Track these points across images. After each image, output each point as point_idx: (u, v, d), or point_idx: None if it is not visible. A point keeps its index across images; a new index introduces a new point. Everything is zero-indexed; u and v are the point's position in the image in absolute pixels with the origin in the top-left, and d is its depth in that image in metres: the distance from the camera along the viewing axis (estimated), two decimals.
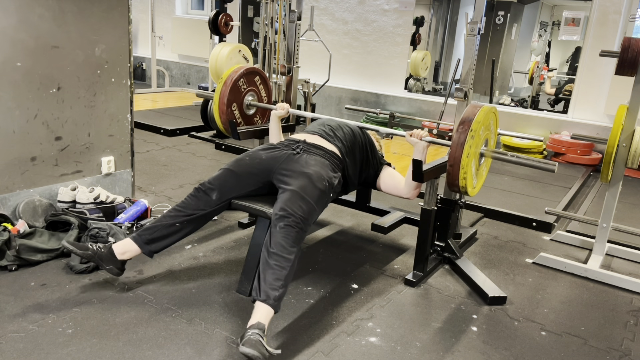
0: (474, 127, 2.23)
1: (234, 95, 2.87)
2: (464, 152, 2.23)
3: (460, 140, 2.23)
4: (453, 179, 2.30)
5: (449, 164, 2.28)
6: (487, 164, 2.57)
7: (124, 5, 2.96)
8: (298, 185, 2.18)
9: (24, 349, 1.87)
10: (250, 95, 2.97)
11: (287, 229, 2.04)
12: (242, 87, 2.91)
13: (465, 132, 2.23)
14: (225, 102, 2.82)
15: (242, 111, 2.96)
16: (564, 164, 5.34)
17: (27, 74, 2.62)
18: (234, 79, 2.84)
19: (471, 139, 2.22)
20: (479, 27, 2.68)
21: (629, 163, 2.74)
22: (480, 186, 2.53)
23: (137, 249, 2.26)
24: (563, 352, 2.14)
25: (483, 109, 2.29)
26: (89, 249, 2.22)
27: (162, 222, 2.26)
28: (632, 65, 2.65)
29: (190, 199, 2.29)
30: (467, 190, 2.33)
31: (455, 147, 2.25)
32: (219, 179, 2.32)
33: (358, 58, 6.95)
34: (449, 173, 2.30)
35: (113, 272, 2.25)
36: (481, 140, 2.35)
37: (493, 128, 2.49)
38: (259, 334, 1.80)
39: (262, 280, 1.96)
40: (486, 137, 2.42)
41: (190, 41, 8.12)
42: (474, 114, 2.26)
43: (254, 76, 2.99)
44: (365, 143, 2.62)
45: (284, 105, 2.87)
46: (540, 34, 7.98)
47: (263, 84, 3.05)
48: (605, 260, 3.04)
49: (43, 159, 2.78)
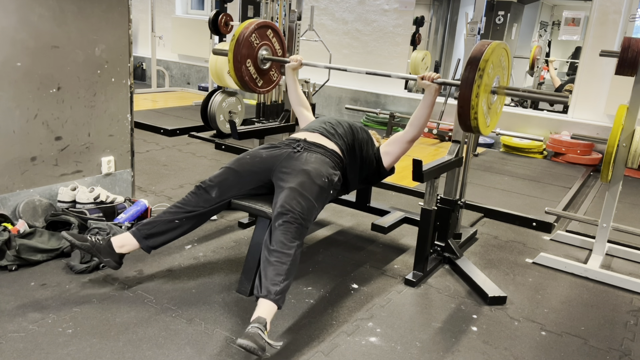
0: (481, 65, 2.17)
1: (248, 50, 2.84)
2: (473, 92, 2.17)
3: (468, 80, 2.17)
4: (464, 120, 2.24)
5: (459, 105, 2.23)
6: (501, 101, 2.49)
7: (124, 5, 2.96)
8: (297, 182, 2.18)
9: (24, 349, 1.87)
10: (264, 50, 2.94)
11: (286, 226, 2.04)
12: (254, 43, 2.87)
13: (474, 71, 2.17)
14: (239, 59, 2.80)
15: (257, 66, 2.94)
16: (564, 164, 5.34)
17: (27, 74, 2.62)
18: (245, 35, 2.80)
19: (479, 78, 2.16)
20: (479, 27, 2.68)
21: (629, 163, 2.74)
22: (494, 124, 2.46)
23: (135, 243, 2.26)
24: (563, 352, 2.14)
25: (491, 45, 2.21)
26: (87, 240, 2.22)
27: (162, 217, 2.27)
28: (632, 65, 2.65)
29: (191, 196, 2.30)
30: (480, 129, 2.28)
31: (464, 87, 2.19)
32: (219, 177, 2.33)
33: (358, 58, 6.95)
34: (460, 114, 2.24)
35: (110, 265, 2.25)
36: (491, 78, 2.28)
37: (505, 64, 2.40)
38: (258, 327, 1.80)
39: (263, 277, 1.96)
40: (497, 74, 2.34)
41: (190, 41, 8.12)
42: (482, 52, 2.19)
43: (266, 30, 2.95)
44: (365, 140, 2.61)
45: (297, 58, 2.89)
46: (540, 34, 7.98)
47: (276, 36, 3.01)
48: (605, 260, 3.04)
49: (43, 159, 2.78)
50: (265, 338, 1.78)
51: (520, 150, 5.64)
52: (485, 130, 2.36)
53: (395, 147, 2.59)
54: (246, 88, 2.94)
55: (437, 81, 2.44)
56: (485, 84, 2.21)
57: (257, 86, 2.94)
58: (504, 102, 2.55)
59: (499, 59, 2.32)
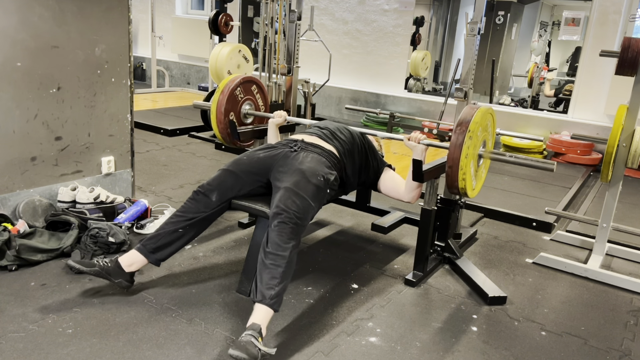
0: (471, 127, 2.23)
1: (231, 104, 2.87)
2: (462, 153, 2.23)
3: (458, 142, 2.23)
4: (452, 181, 2.30)
5: (448, 166, 2.28)
6: (486, 165, 2.57)
7: (124, 5, 2.96)
8: (291, 182, 2.17)
9: (24, 349, 1.87)
10: (248, 104, 2.97)
11: (280, 226, 2.03)
12: (239, 97, 2.90)
13: (463, 133, 2.23)
14: (222, 112, 2.81)
15: (240, 120, 2.96)
16: (564, 164, 5.34)
17: (27, 74, 2.62)
18: (230, 89, 2.83)
19: (469, 139, 2.22)
20: (479, 27, 2.68)
21: (629, 163, 2.74)
22: (479, 187, 2.54)
23: (143, 260, 2.24)
24: (563, 352, 2.14)
25: (480, 109, 2.30)
26: (95, 265, 2.20)
27: (165, 229, 2.25)
28: (632, 65, 2.65)
29: (190, 202, 2.28)
30: (467, 191, 2.34)
31: (453, 148, 2.25)
32: (217, 179, 2.31)
33: (358, 58, 6.95)
34: (448, 175, 2.30)
35: (123, 285, 2.24)
36: (479, 141, 2.35)
37: (491, 129, 2.49)
38: (252, 334, 1.80)
39: (258, 280, 1.96)
40: (484, 138, 2.42)
41: (190, 41, 8.12)
42: (471, 115, 2.26)
43: (251, 85, 2.98)
44: (365, 146, 2.61)
45: (281, 113, 2.87)
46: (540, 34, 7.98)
47: (260, 92, 3.05)
48: (605, 260, 3.04)
49: (43, 159, 2.78)
50: (259, 346, 1.77)
51: (520, 150, 5.64)
52: (472, 193, 2.42)
53: (392, 190, 2.62)
54: (228, 141, 2.91)
55: (424, 142, 2.45)
56: (474, 146, 2.28)
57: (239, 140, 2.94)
58: (489, 166, 2.62)
59: (487, 123, 2.41)
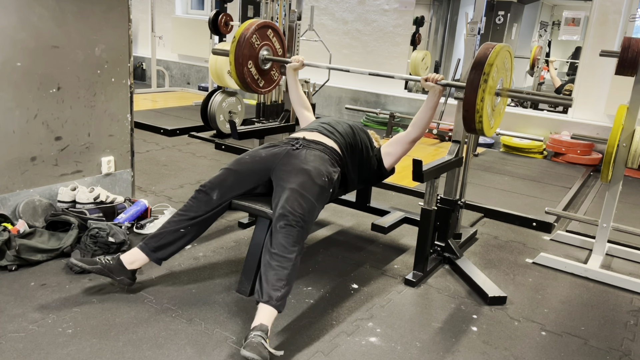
0: (486, 70, 2.18)
1: (249, 51, 2.86)
2: (478, 96, 2.19)
3: (473, 85, 2.19)
4: (469, 123, 2.26)
5: (464, 109, 2.24)
6: (504, 102, 2.52)
7: (124, 5, 2.96)
8: (297, 183, 2.17)
9: (24, 349, 1.87)
10: (265, 50, 2.96)
11: (287, 229, 2.03)
12: (255, 43, 2.89)
13: (479, 75, 2.18)
14: (241, 61, 2.82)
15: (258, 67, 2.96)
16: (564, 164, 5.34)
17: (27, 74, 2.62)
18: (246, 37, 2.82)
19: (484, 82, 2.17)
20: (479, 27, 2.68)
21: (629, 163, 2.74)
22: (497, 125, 2.49)
23: (144, 258, 2.25)
24: (563, 352, 2.14)
25: (496, 48, 2.22)
26: (97, 262, 2.20)
27: (167, 228, 2.25)
28: (632, 65, 2.65)
29: (192, 201, 2.28)
30: (484, 131, 2.31)
31: (469, 91, 2.20)
32: (218, 178, 2.32)
33: (358, 58, 6.95)
34: (465, 118, 2.26)
35: (125, 283, 2.25)
36: (495, 82, 2.29)
37: (508, 66, 2.42)
38: (261, 335, 1.80)
39: (264, 281, 1.95)
40: (501, 76, 2.35)
41: (190, 41, 8.12)
42: (486, 56, 2.20)
43: (267, 30, 2.96)
44: (364, 139, 2.62)
45: (298, 58, 2.89)
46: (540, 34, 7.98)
47: (276, 36, 3.02)
48: (605, 260, 3.04)
49: (43, 159, 2.78)
50: (268, 348, 1.78)
51: (520, 150, 5.64)
52: (489, 131, 2.38)
53: (396, 148, 2.60)
54: (248, 89, 2.96)
55: (441, 82, 2.44)
56: (490, 87, 2.23)
57: (259, 87, 2.95)
58: (507, 102, 2.56)
59: (503, 61, 2.34)
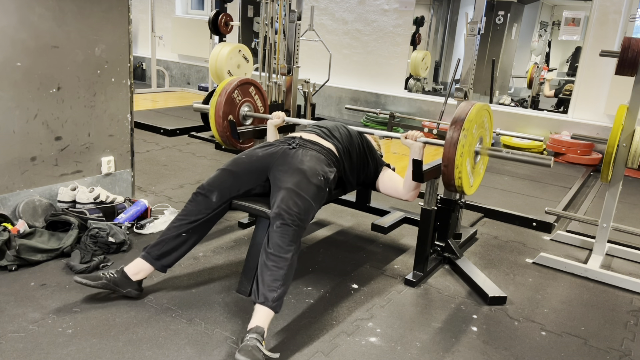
0: (465, 125, 2.21)
1: (230, 107, 2.87)
2: (457, 151, 2.21)
3: (452, 140, 2.21)
4: (448, 179, 2.29)
5: (443, 164, 2.27)
6: (484, 161, 2.56)
7: (124, 5, 2.96)
8: (293, 182, 2.16)
9: (24, 349, 1.87)
10: (246, 106, 2.98)
11: (283, 228, 2.02)
12: (237, 99, 2.90)
13: (458, 131, 2.21)
14: (221, 115, 2.81)
15: (239, 122, 2.96)
16: (564, 164, 5.34)
17: (27, 74, 2.62)
18: (228, 92, 2.83)
19: (464, 138, 2.20)
20: (479, 27, 2.68)
21: (629, 163, 2.74)
22: (477, 184, 2.52)
23: (149, 267, 2.23)
24: (563, 352, 2.14)
25: (475, 106, 2.27)
26: (101, 277, 2.18)
27: (168, 234, 2.23)
28: (632, 65, 2.65)
29: (190, 204, 2.26)
30: (464, 189, 2.33)
31: (448, 146, 2.23)
32: (216, 179, 2.30)
33: (358, 58, 6.95)
34: (444, 173, 2.29)
35: (132, 295, 2.23)
36: (475, 139, 2.34)
37: (488, 125, 2.47)
38: (256, 338, 1.80)
39: (260, 282, 1.95)
40: (480, 134, 2.40)
41: (190, 41, 8.12)
42: (466, 113, 2.24)
43: (249, 87, 2.98)
44: (363, 145, 2.61)
45: (279, 114, 2.88)
46: (540, 34, 7.98)
47: (258, 93, 3.05)
48: (605, 260, 3.04)
49: (43, 159, 2.78)
50: (264, 350, 1.78)
51: (521, 150, 5.64)
52: (469, 190, 2.41)
53: (391, 189, 2.61)
54: (228, 144, 2.92)
55: (420, 140, 2.44)
56: (469, 143, 2.26)
57: (238, 142, 2.93)
58: (487, 163, 2.59)
59: (482, 119, 2.38)
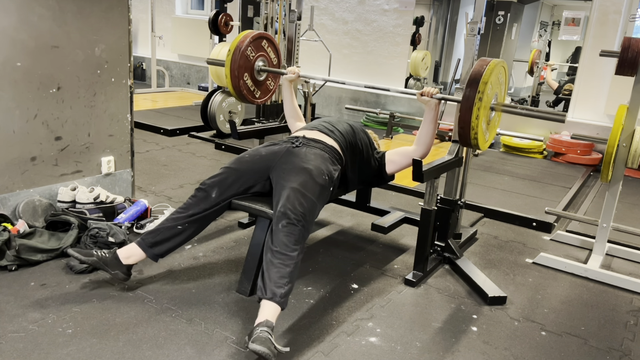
0: (481, 88, 2.20)
1: (244, 63, 2.87)
2: (473, 114, 2.20)
3: (468, 103, 2.21)
4: (465, 139, 2.29)
5: (459, 126, 2.26)
6: (499, 115, 2.54)
7: (124, 5, 2.96)
8: (298, 182, 2.17)
9: (24, 349, 1.87)
10: (261, 61, 2.98)
11: (289, 227, 2.03)
12: (250, 55, 2.90)
13: (474, 93, 2.20)
14: (236, 73, 2.83)
15: (254, 78, 2.98)
16: (564, 164, 5.34)
17: (27, 74, 2.62)
18: (241, 49, 2.84)
19: (479, 101, 2.19)
20: (479, 27, 2.68)
21: (629, 163, 2.74)
22: (492, 138, 2.52)
23: (141, 253, 2.25)
24: (563, 352, 2.14)
25: (490, 66, 2.24)
26: (93, 254, 2.21)
27: (165, 224, 2.26)
28: (632, 65, 2.65)
29: (191, 199, 2.29)
30: (480, 145, 2.34)
31: (464, 109, 2.22)
32: (218, 176, 2.32)
33: (358, 58, 6.95)
34: (460, 134, 2.28)
35: (119, 277, 2.24)
36: (490, 98, 2.31)
37: (503, 79, 2.44)
38: (268, 331, 1.80)
39: (266, 278, 1.96)
40: (495, 92, 2.37)
41: (190, 41, 8.12)
42: (481, 74, 2.22)
43: (261, 41, 2.98)
44: (365, 140, 2.62)
45: (294, 69, 2.89)
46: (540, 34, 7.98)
47: (271, 46, 3.04)
48: (605, 260, 3.04)
49: (43, 159, 2.78)
50: (275, 343, 1.79)
51: (520, 150, 5.64)
52: (484, 145, 2.42)
53: (402, 159, 2.60)
54: (244, 100, 2.98)
55: (436, 97, 2.45)
56: (485, 104, 2.25)
57: (255, 97, 2.95)
58: (501, 116, 2.58)
59: (497, 77, 2.35)
